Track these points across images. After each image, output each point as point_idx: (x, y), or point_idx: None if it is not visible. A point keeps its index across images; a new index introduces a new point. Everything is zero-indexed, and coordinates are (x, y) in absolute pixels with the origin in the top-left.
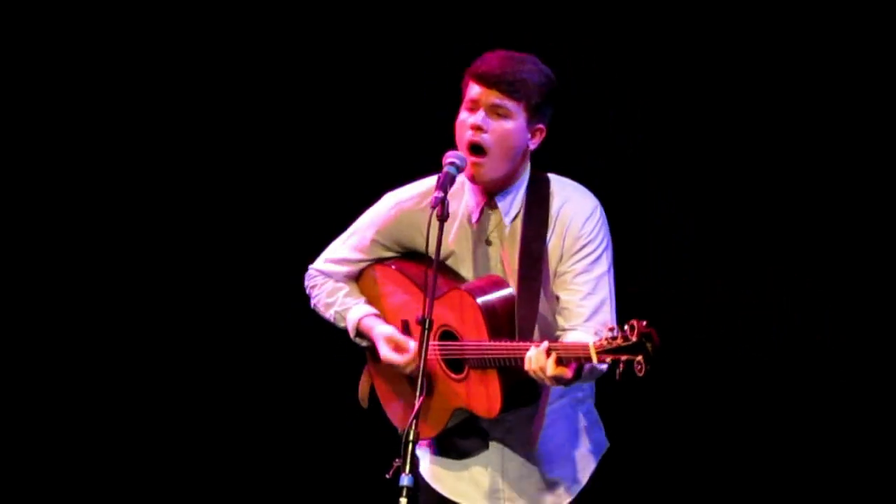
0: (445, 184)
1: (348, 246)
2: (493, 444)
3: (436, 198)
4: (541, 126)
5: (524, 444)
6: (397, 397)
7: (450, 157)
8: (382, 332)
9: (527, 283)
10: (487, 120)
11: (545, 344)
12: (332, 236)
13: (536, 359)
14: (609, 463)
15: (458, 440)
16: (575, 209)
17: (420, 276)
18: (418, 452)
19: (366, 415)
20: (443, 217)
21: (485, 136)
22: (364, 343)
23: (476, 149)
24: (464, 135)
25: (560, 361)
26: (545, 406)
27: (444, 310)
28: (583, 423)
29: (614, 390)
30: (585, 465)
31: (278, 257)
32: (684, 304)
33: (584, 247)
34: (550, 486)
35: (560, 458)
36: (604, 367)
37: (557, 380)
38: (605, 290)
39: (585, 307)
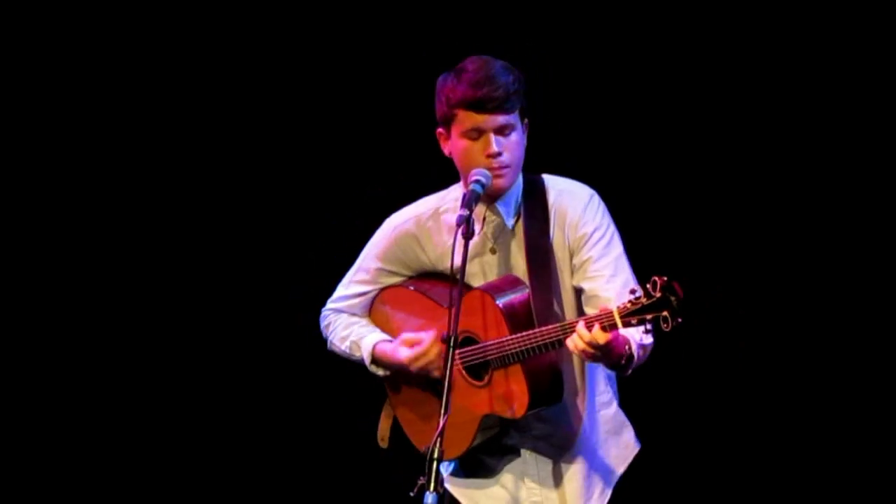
0: (471, 201)
1: (356, 281)
2: (525, 454)
3: (461, 216)
4: (527, 120)
5: (557, 449)
6: (422, 421)
7: (475, 174)
8: (397, 341)
9: (538, 279)
10: (500, 140)
11: (580, 321)
12: (345, 249)
13: (582, 334)
14: (641, 464)
15: (488, 458)
16: (569, 199)
17: (436, 292)
18: (449, 486)
19: (389, 446)
20: (468, 235)
21: (504, 157)
22: (380, 372)
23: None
24: (478, 163)
25: (604, 328)
26: (572, 410)
27: (463, 315)
28: (610, 425)
29: (642, 390)
30: (616, 467)
31: (294, 274)
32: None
33: (592, 233)
34: (585, 490)
35: (591, 462)
36: (643, 337)
37: (606, 348)
38: (627, 270)
39: (611, 289)
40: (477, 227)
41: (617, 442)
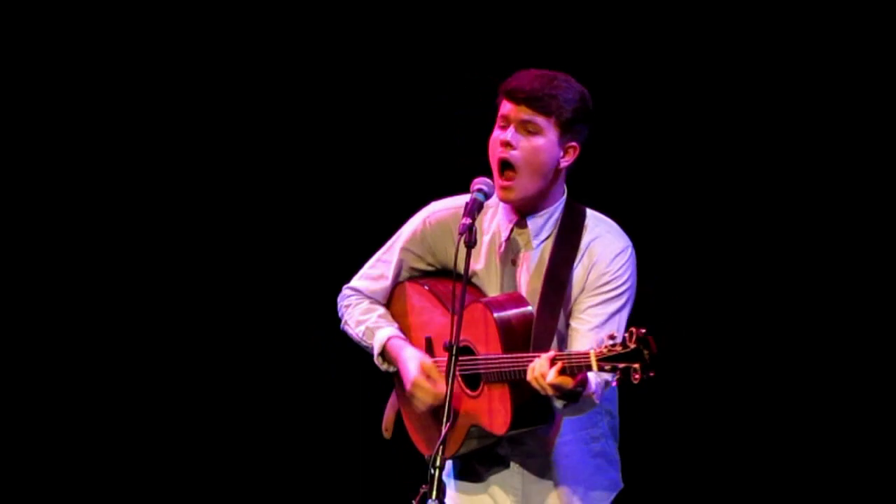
0: (473, 210)
1: (383, 260)
2: (514, 467)
3: (463, 224)
4: (573, 144)
5: (543, 469)
6: (423, 423)
7: (477, 183)
8: (415, 353)
9: (548, 305)
10: (517, 136)
11: (551, 353)
12: (344, 247)
13: (539, 366)
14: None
15: (479, 466)
16: (605, 246)
17: (447, 295)
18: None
19: (392, 440)
20: (470, 244)
21: (514, 152)
22: (385, 367)
23: (505, 165)
24: (495, 151)
25: (563, 371)
26: (563, 435)
27: (465, 325)
28: (596, 460)
29: (634, 431)
30: (598, 501)
31: (307, 270)
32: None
33: (607, 283)
34: None
35: (574, 491)
36: (610, 378)
37: (558, 388)
38: (614, 328)
39: (590, 338)
40: (504, 235)
41: (598, 479)
